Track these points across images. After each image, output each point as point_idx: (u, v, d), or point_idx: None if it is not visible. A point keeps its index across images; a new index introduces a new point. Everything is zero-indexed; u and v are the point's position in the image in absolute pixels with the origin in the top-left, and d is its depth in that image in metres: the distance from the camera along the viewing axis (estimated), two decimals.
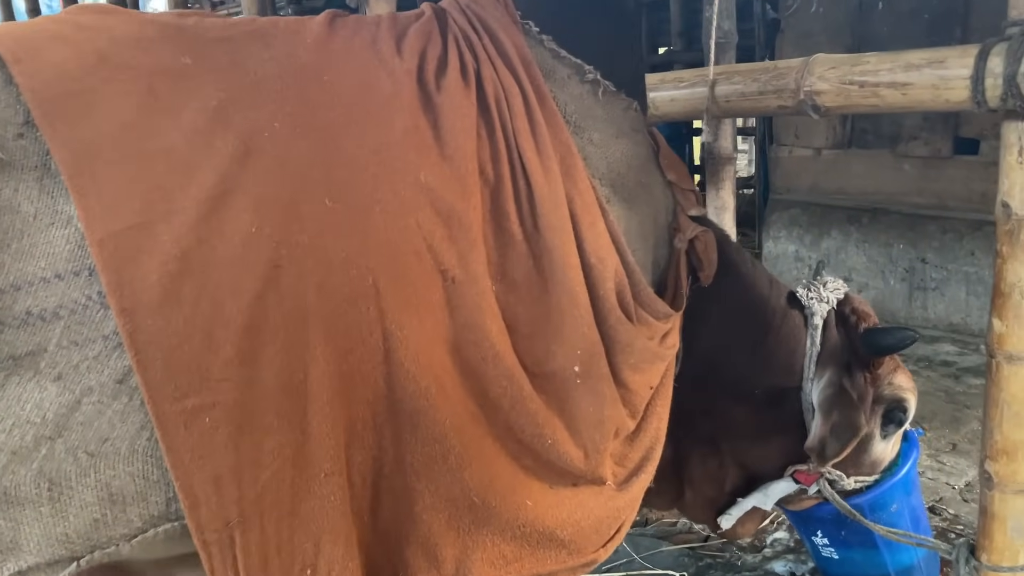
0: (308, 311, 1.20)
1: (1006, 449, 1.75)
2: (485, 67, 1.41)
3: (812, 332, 1.82)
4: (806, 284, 1.88)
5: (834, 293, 1.87)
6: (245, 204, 1.18)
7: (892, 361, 1.87)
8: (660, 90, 2.19)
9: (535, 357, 1.37)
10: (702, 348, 1.77)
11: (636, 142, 1.60)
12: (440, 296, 1.29)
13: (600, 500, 1.51)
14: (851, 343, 1.83)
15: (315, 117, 1.26)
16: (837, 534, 2.17)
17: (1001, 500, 1.77)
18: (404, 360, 1.26)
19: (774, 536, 2.68)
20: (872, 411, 1.86)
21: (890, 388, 1.85)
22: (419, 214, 1.27)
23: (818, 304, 1.84)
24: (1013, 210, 1.66)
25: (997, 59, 1.54)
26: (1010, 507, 1.77)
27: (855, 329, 1.84)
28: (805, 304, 1.85)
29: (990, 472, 1.78)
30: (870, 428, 1.86)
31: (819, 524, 2.17)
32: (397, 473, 1.31)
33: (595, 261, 1.39)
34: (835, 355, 1.83)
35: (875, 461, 1.92)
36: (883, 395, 1.85)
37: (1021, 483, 1.75)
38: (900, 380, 1.87)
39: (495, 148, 1.36)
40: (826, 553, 2.22)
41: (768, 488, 1.90)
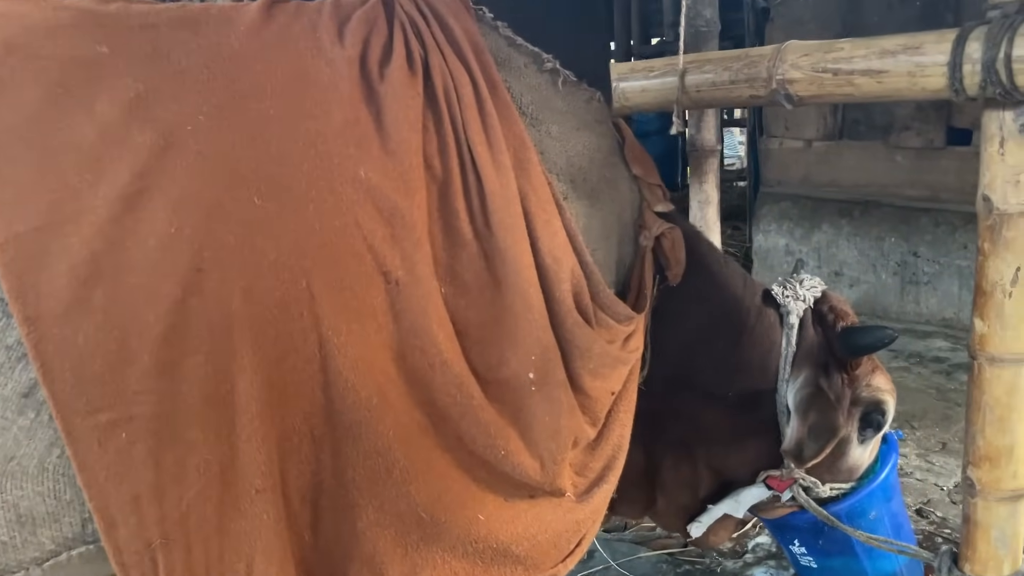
0: (234, 318, 1.15)
1: (989, 455, 1.68)
2: (433, 55, 1.34)
3: (787, 331, 1.76)
4: (782, 282, 1.82)
5: (811, 291, 1.80)
6: (163, 203, 1.12)
7: (870, 362, 1.81)
8: (630, 80, 2.09)
9: (487, 363, 1.31)
10: (672, 350, 1.71)
11: (599, 134, 1.54)
12: (382, 300, 1.23)
13: (559, 513, 1.45)
14: (828, 343, 1.77)
15: (244, 109, 1.20)
16: (815, 543, 2.11)
17: (984, 508, 1.71)
18: (343, 369, 1.20)
19: (755, 541, 2.61)
20: (849, 414, 1.79)
21: (868, 390, 1.80)
22: (359, 212, 1.21)
23: (794, 302, 1.78)
24: (994, 204, 1.59)
25: (976, 44, 1.46)
26: (994, 515, 1.71)
27: (832, 328, 1.77)
28: (781, 303, 1.79)
29: (973, 479, 1.71)
30: (848, 431, 1.80)
31: (796, 533, 2.11)
32: (338, 488, 1.26)
33: (550, 261, 1.33)
34: (812, 355, 1.77)
35: (852, 467, 1.87)
36: (861, 397, 1.79)
37: (1005, 490, 1.68)
38: (878, 382, 1.81)
39: (443, 141, 1.30)
40: (804, 562, 2.17)
41: (740, 495, 1.85)
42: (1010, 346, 1.62)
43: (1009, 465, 1.67)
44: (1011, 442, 1.66)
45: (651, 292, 1.61)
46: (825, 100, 1.75)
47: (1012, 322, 1.61)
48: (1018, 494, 1.69)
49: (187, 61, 1.21)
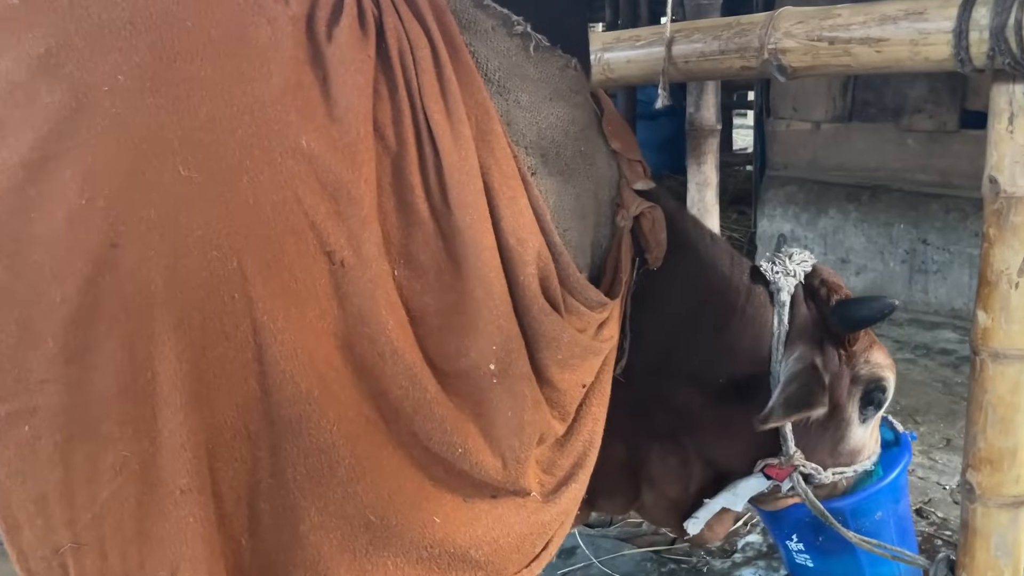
0: (154, 299, 1.05)
1: (990, 458, 1.60)
2: (388, 15, 1.23)
3: (779, 310, 1.67)
4: (770, 258, 1.72)
5: (801, 266, 1.70)
6: (73, 171, 1.02)
7: (867, 336, 1.72)
8: (616, 50, 1.98)
9: (445, 353, 1.21)
10: (656, 336, 1.61)
11: (575, 105, 1.42)
12: (326, 282, 1.12)
13: (523, 514, 1.35)
14: (823, 318, 1.68)
15: (171, 70, 1.08)
16: (814, 539, 2.02)
17: (984, 514, 1.63)
18: (280, 358, 1.10)
19: (746, 540, 2.50)
20: (850, 393, 1.71)
21: (867, 367, 1.71)
22: (299, 186, 1.10)
23: (784, 279, 1.68)
24: (1002, 187, 1.50)
25: (984, 9, 1.36)
26: (994, 522, 1.63)
27: (826, 303, 1.68)
28: (771, 280, 1.68)
29: (972, 483, 1.65)
30: (846, 414, 1.72)
31: (795, 527, 2.02)
32: (278, 488, 1.16)
33: (514, 243, 1.22)
34: (806, 333, 1.68)
35: (854, 449, 1.78)
36: (860, 375, 1.70)
37: (1007, 496, 1.60)
38: (877, 357, 1.72)
39: (397, 109, 1.19)
40: (800, 560, 2.08)
41: (737, 486, 1.75)
42: (1016, 341, 1.54)
43: (1012, 469, 1.60)
44: (1014, 444, 1.59)
45: (630, 276, 1.51)
46: (820, 72, 1.63)
47: (1018, 315, 1.53)
48: (1020, 500, 1.61)
49: (109, 15, 1.09)
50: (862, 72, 1.60)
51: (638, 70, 1.94)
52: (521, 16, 1.36)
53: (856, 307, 1.64)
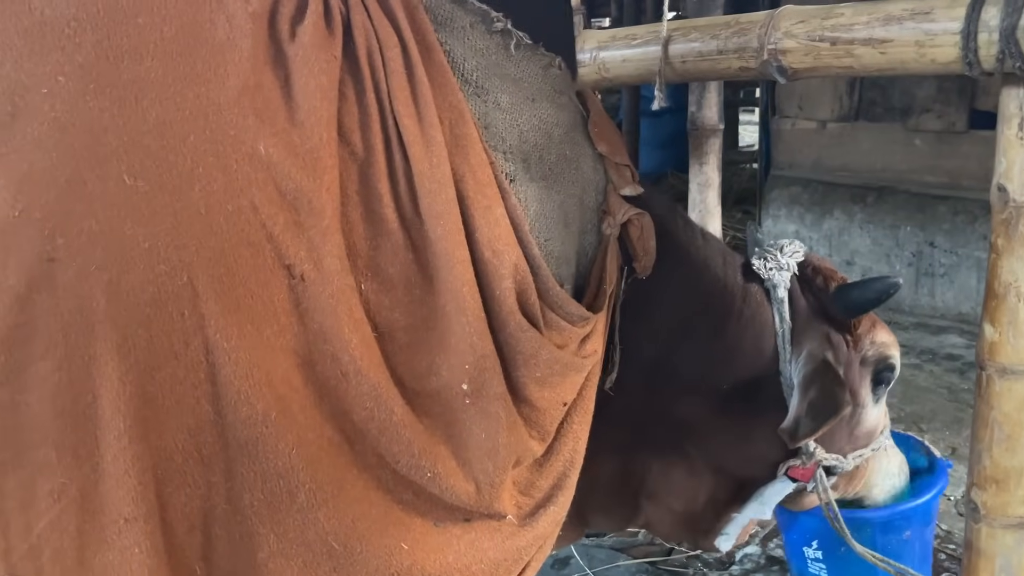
0: (96, 317, 1.00)
1: (996, 477, 1.54)
2: (356, 12, 1.18)
3: (778, 307, 1.62)
4: (760, 253, 1.67)
5: (793, 257, 1.66)
6: (6, 180, 0.97)
7: (868, 318, 1.69)
8: (611, 49, 1.92)
9: (415, 372, 1.17)
10: (650, 346, 1.57)
11: (559, 106, 1.37)
12: (284, 298, 1.08)
13: (498, 539, 1.30)
14: (823, 307, 1.64)
15: (118, 71, 1.04)
16: (835, 549, 1.99)
17: (989, 535, 1.57)
18: (234, 378, 1.05)
19: (744, 552, 2.45)
20: (861, 378, 1.69)
21: (874, 348, 1.68)
22: (256, 194, 1.05)
23: (778, 274, 1.63)
24: (1011, 195, 1.44)
25: (993, 9, 1.29)
26: (999, 544, 1.57)
27: (825, 291, 1.64)
28: (765, 277, 1.64)
29: (977, 503, 1.58)
30: (860, 399, 1.69)
31: (816, 534, 1.99)
32: (234, 515, 1.12)
33: (489, 255, 1.18)
34: (810, 327, 1.64)
35: (869, 431, 1.76)
36: (868, 357, 1.68)
37: (1013, 517, 1.55)
38: (881, 337, 1.69)
39: (365, 113, 1.14)
40: (814, 568, 2.06)
41: (763, 494, 1.72)
42: (1023, 356, 1.47)
43: (1019, 489, 1.54)
44: (1021, 463, 1.53)
45: (617, 286, 1.46)
46: (822, 74, 1.57)
47: None
48: None
49: (52, 11, 1.04)
50: (865, 74, 1.54)
51: (634, 70, 1.87)
52: (501, 12, 1.30)
53: (858, 291, 1.60)
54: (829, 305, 1.63)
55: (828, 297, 1.63)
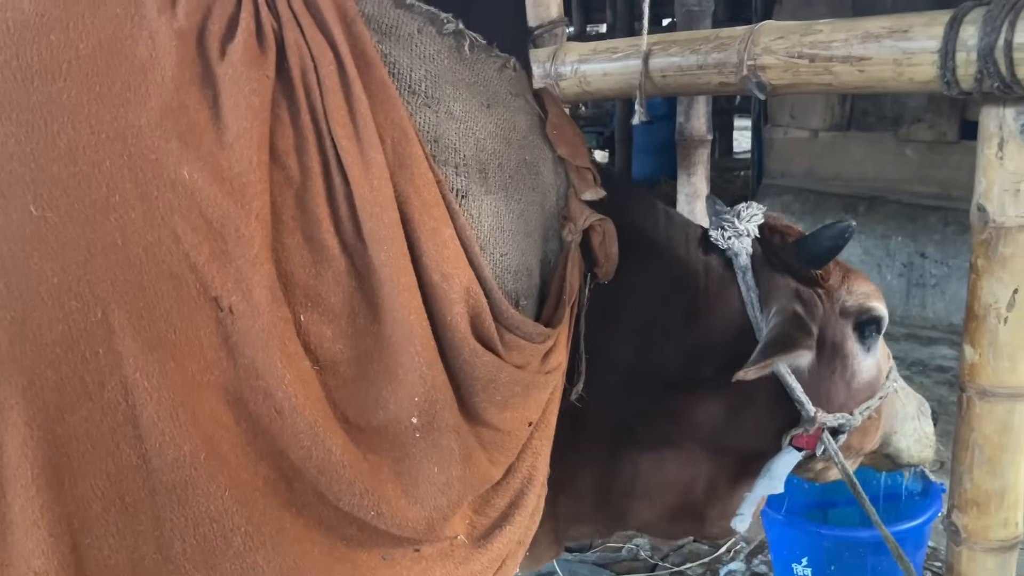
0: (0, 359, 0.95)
1: (977, 500, 1.56)
2: (289, 29, 1.12)
3: (743, 275, 1.54)
4: (717, 223, 1.60)
5: (751, 221, 1.58)
6: None
7: (839, 269, 1.64)
8: (592, 62, 1.91)
9: (360, 407, 1.11)
10: (624, 349, 1.52)
11: (515, 110, 1.31)
12: (211, 331, 1.02)
13: (450, 566, 1.25)
14: (787, 266, 1.58)
15: (27, 91, 0.98)
16: (826, 568, 2.00)
17: (970, 559, 1.59)
18: (157, 419, 0.99)
19: (728, 568, 2.42)
20: (842, 329, 1.61)
21: (851, 298, 1.61)
22: (179, 223, 1.00)
23: (738, 240, 1.55)
24: (990, 216, 1.44)
25: (971, 29, 1.29)
26: (980, 567, 1.59)
27: (784, 248, 1.57)
28: (724, 247, 1.56)
29: (958, 525, 1.60)
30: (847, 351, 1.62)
31: (809, 550, 1.99)
32: (165, 563, 1.06)
33: (438, 279, 1.12)
34: (776, 289, 1.57)
35: (869, 381, 1.68)
36: (848, 307, 1.61)
37: (993, 540, 1.56)
38: (858, 286, 1.62)
39: (300, 135, 1.08)
40: None
41: (771, 469, 1.64)
42: (1004, 379, 1.48)
43: (999, 512, 1.55)
44: (1002, 486, 1.54)
45: (580, 294, 1.40)
46: (801, 90, 1.55)
47: (1007, 351, 1.48)
48: (1008, 544, 1.57)
49: None
50: (844, 91, 1.53)
51: (615, 83, 1.86)
52: (451, 13, 1.24)
53: (814, 241, 1.54)
54: (792, 262, 1.57)
55: (789, 254, 1.57)
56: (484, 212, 1.22)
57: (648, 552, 2.51)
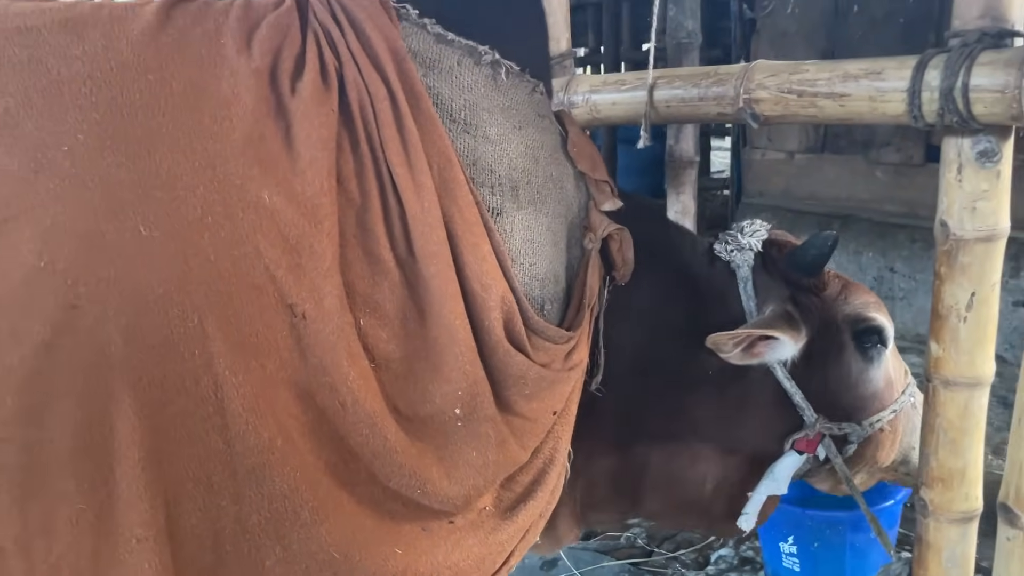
0: (113, 358, 1.06)
1: (941, 477, 1.70)
2: (348, 67, 1.22)
3: (743, 285, 1.66)
4: (722, 237, 1.73)
5: (754, 236, 1.70)
6: (31, 233, 1.03)
7: (838, 281, 1.74)
8: (602, 92, 2.12)
9: (409, 400, 1.23)
10: (635, 345, 1.63)
11: (542, 130, 1.42)
12: (287, 335, 1.13)
13: (480, 535, 1.38)
14: (784, 275, 1.69)
15: (131, 126, 1.09)
16: (809, 545, 2.17)
17: (936, 529, 1.73)
18: (241, 411, 1.11)
19: (719, 553, 2.62)
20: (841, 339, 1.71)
21: (849, 307, 1.71)
22: (260, 240, 1.11)
23: (739, 254, 1.68)
24: (951, 230, 1.59)
25: (935, 72, 1.47)
26: (944, 537, 1.73)
27: (780, 259, 1.69)
28: (727, 259, 1.68)
29: (925, 500, 1.73)
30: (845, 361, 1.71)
31: (794, 530, 2.15)
32: (242, 533, 1.18)
33: (478, 288, 1.23)
34: (772, 296, 1.68)
35: (875, 392, 1.76)
36: (847, 316, 1.71)
37: (956, 512, 1.71)
38: (856, 297, 1.72)
39: (360, 162, 1.20)
40: (788, 563, 2.23)
41: (774, 471, 1.72)
42: (964, 370, 1.63)
43: (961, 487, 1.69)
44: (963, 464, 1.68)
45: (600, 295, 1.52)
46: (790, 120, 1.77)
47: (966, 346, 1.62)
48: (969, 516, 1.71)
49: (68, 70, 1.10)
50: (827, 122, 1.75)
51: (623, 112, 2.06)
52: (488, 44, 1.33)
53: (802, 251, 1.65)
54: (788, 272, 1.67)
55: (784, 265, 1.67)
56: (516, 227, 1.33)
57: (644, 540, 2.70)
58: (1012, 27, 1.45)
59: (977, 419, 1.66)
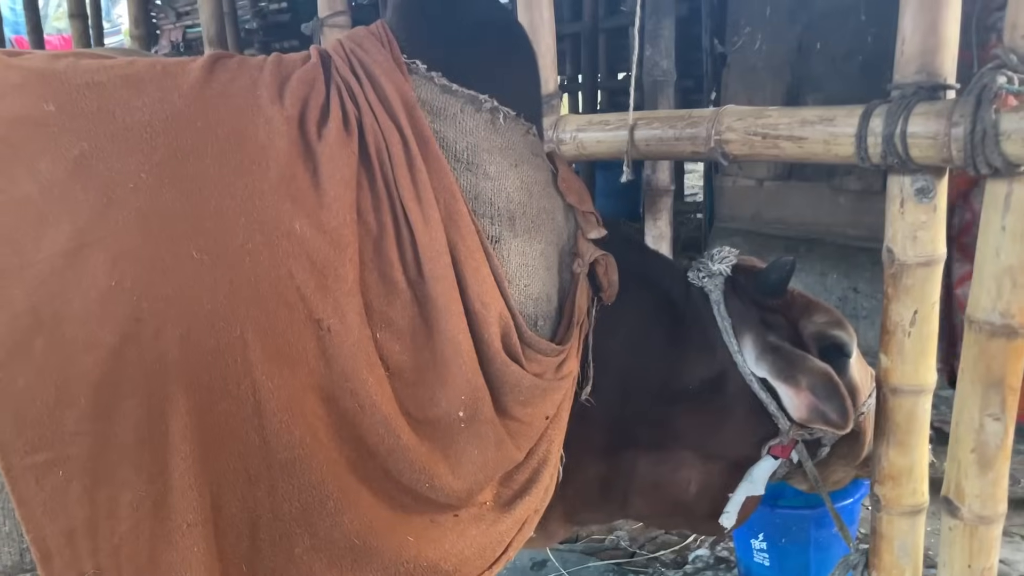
0: (170, 364, 1.19)
1: (892, 474, 1.85)
2: (367, 116, 1.38)
3: (716, 308, 1.81)
4: (695, 265, 1.89)
5: (723, 263, 1.85)
6: (104, 257, 1.18)
7: (800, 301, 1.88)
8: (588, 131, 2.30)
9: (418, 403, 1.37)
10: (620, 360, 1.77)
11: (536, 167, 1.58)
12: (314, 346, 1.27)
13: (482, 527, 1.52)
14: (752, 297, 1.85)
15: (184, 167, 1.25)
16: (778, 540, 2.34)
17: (888, 521, 1.88)
18: (276, 411, 1.25)
19: (696, 554, 2.80)
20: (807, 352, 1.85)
21: (812, 325, 1.87)
22: (292, 264, 1.25)
23: (710, 279, 1.84)
24: (896, 256, 1.76)
25: (878, 120, 1.65)
26: (896, 528, 1.87)
27: (747, 284, 1.85)
28: (699, 284, 1.85)
29: (879, 495, 1.88)
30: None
31: (763, 527, 2.32)
32: (275, 521, 1.32)
33: (479, 307, 1.38)
34: (746, 318, 1.83)
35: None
36: (810, 334, 1.87)
37: (906, 506, 1.86)
38: (818, 316, 1.87)
39: (376, 197, 1.35)
40: (759, 558, 2.40)
41: (752, 474, 1.86)
42: (909, 379, 1.80)
43: (909, 483, 1.85)
44: (911, 463, 1.84)
45: (589, 315, 1.68)
46: (756, 159, 1.97)
47: (911, 357, 1.80)
48: (917, 509, 1.87)
49: (131, 119, 1.25)
50: (788, 160, 1.95)
51: (607, 149, 2.24)
52: (487, 93, 1.48)
53: (764, 275, 1.83)
54: (754, 295, 1.84)
55: (750, 288, 1.84)
56: (512, 253, 1.49)
57: (627, 542, 2.89)
58: (944, 81, 1.63)
59: (921, 422, 1.80)
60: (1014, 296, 1.61)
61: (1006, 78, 1.49)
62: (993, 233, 1.60)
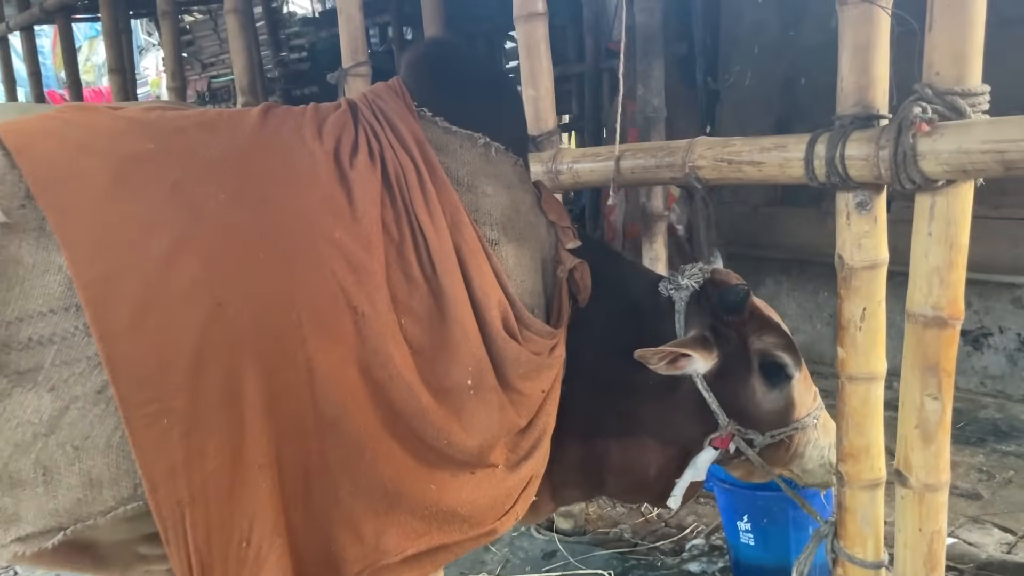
0: (244, 340, 1.45)
1: (852, 453, 2.03)
2: (387, 150, 1.69)
3: (678, 316, 2.02)
4: (666, 279, 2.08)
5: (692, 279, 2.06)
6: (195, 258, 1.45)
7: (758, 319, 2.05)
8: (582, 162, 2.58)
9: (435, 375, 1.63)
10: (591, 356, 1.98)
11: (523, 191, 1.89)
12: (351, 328, 1.54)
13: (494, 482, 1.78)
14: (713, 311, 2.05)
15: (250, 190, 1.54)
16: (760, 521, 2.54)
17: (851, 495, 2.04)
18: (324, 379, 1.51)
19: (692, 543, 3.04)
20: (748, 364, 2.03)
21: (759, 343, 2.04)
22: (334, 264, 1.53)
23: (676, 292, 2.05)
24: (845, 262, 1.96)
25: (822, 146, 1.89)
26: (858, 501, 2.03)
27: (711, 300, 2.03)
28: (666, 295, 2.06)
29: (842, 472, 2.06)
30: (750, 384, 2.04)
31: (748, 510, 2.52)
32: (323, 468, 1.56)
33: (481, 295, 1.67)
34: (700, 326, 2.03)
35: (776, 411, 2.07)
36: (755, 350, 2.05)
37: (865, 480, 2.03)
38: (768, 337, 2.05)
39: (397, 213, 1.64)
40: (744, 539, 2.60)
41: (696, 462, 2.07)
42: (862, 368, 2.00)
43: (867, 460, 2.03)
44: (867, 442, 2.03)
45: (567, 312, 1.89)
46: (723, 183, 2.24)
47: (863, 349, 1.99)
48: (875, 483, 2.05)
49: (208, 155, 1.54)
50: (751, 183, 2.21)
51: (599, 177, 2.49)
52: (481, 132, 1.81)
53: (723, 297, 2.01)
54: (716, 310, 2.01)
55: (713, 304, 2.04)
56: (509, 254, 1.79)
57: (630, 534, 3.14)
58: (876, 112, 1.88)
59: (875, 406, 1.98)
60: (943, 292, 1.82)
61: (921, 108, 1.74)
62: (922, 239, 1.83)
